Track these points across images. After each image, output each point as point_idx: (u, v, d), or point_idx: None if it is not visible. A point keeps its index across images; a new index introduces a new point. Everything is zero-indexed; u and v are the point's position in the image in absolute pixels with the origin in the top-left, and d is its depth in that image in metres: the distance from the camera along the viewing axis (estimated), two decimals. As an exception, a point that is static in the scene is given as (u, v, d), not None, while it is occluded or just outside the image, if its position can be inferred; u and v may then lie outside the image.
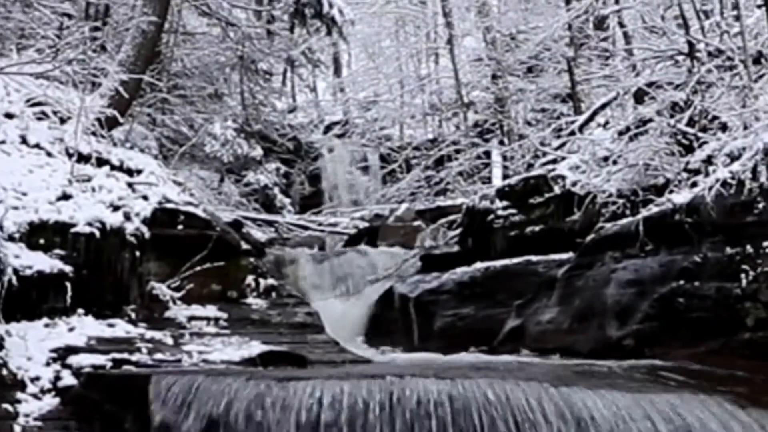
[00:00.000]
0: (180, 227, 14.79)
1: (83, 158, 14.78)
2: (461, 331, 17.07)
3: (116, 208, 13.84)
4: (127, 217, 13.85)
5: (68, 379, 11.03)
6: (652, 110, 17.31)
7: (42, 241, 12.76)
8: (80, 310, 12.71)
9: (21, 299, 11.77)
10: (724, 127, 15.73)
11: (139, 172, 15.40)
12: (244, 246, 16.18)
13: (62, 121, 15.63)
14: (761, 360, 12.44)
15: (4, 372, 10.90)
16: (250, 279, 15.35)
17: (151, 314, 13.74)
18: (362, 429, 9.39)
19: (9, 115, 15.00)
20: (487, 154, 32.43)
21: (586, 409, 9.68)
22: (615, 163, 17.09)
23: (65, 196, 13.56)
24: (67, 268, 12.70)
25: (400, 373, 10.16)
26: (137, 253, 13.90)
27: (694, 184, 14.45)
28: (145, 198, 14.52)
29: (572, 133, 21.61)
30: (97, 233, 13.25)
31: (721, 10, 19.10)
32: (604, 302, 14.69)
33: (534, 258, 17.38)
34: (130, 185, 14.68)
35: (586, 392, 9.98)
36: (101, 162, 14.97)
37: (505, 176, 26.70)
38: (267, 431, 9.50)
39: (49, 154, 14.71)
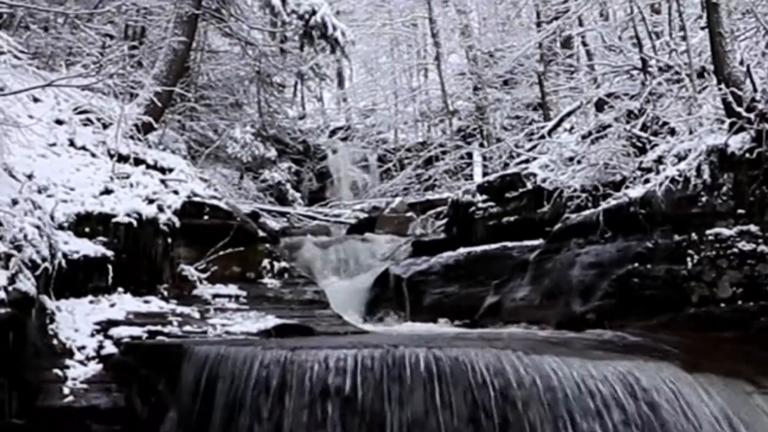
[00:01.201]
0: (206, 218, 14.77)
1: (123, 158, 14.77)
2: (447, 306, 17.06)
3: (151, 201, 13.83)
4: (161, 209, 13.85)
5: (110, 348, 11.04)
6: (611, 117, 17.33)
7: (87, 230, 12.75)
8: (120, 289, 12.71)
9: (69, 279, 11.78)
10: (672, 132, 15.75)
11: (170, 170, 15.39)
12: (261, 234, 16.16)
13: (104, 126, 15.61)
14: (704, 331, 12.50)
15: (55, 342, 10.92)
16: (265, 262, 15.33)
17: (181, 292, 13.73)
18: (363, 390, 9.44)
19: (59, 122, 14.99)
20: (469, 155, 32.38)
21: (554, 373, 9.70)
22: (579, 162, 17.09)
23: (107, 191, 13.55)
24: (109, 253, 12.69)
25: (394, 343, 10.18)
26: (169, 240, 13.89)
27: (647, 181, 14.47)
28: (175, 192, 14.51)
29: (542, 136, 21.61)
30: (135, 223, 13.24)
31: (669, 31, 19.15)
32: (570, 282, 14.71)
33: (509, 244, 17.35)
34: (162, 182, 14.67)
35: (554, 359, 10.00)
36: (138, 162, 14.95)
37: (485, 174, 26.65)
38: (281, 393, 9.56)
39: (93, 155, 14.70)
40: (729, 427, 9.73)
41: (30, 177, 12.50)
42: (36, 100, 14.96)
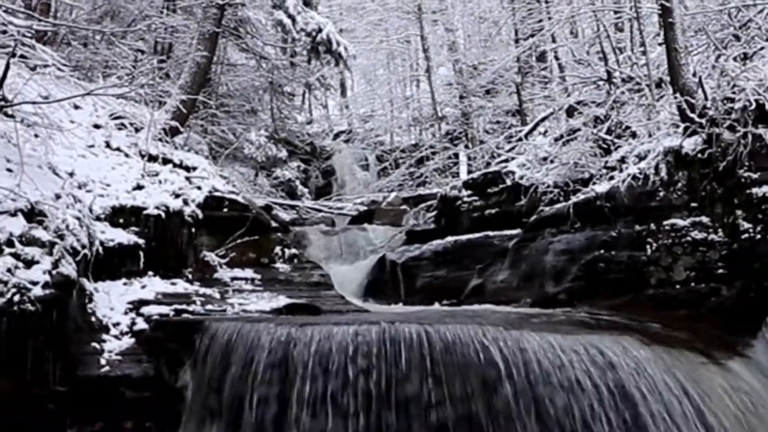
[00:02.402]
0: (225, 210, 14.79)
1: (152, 158, 14.79)
2: (436, 288, 17.00)
3: (177, 196, 13.87)
4: (186, 202, 13.88)
5: (141, 325, 11.10)
6: (580, 122, 17.32)
7: (121, 221, 12.80)
8: (150, 273, 12.75)
9: (105, 264, 11.83)
10: (634, 135, 15.76)
11: (194, 168, 15.39)
12: (273, 224, 16.18)
13: (136, 130, 15.62)
14: (661, 310, 12.52)
15: (93, 319, 10.97)
16: (277, 249, 15.35)
17: (204, 276, 13.75)
18: (363, 359, 9.47)
19: (97, 126, 15.00)
20: (456, 155, 32.29)
21: (530, 345, 9.72)
22: (552, 162, 17.07)
23: (139, 187, 13.59)
24: (140, 241, 12.74)
25: (391, 320, 10.21)
26: (193, 230, 13.93)
27: (612, 178, 14.48)
28: (199, 188, 14.53)
29: (520, 139, 21.58)
30: (163, 215, 13.30)
31: (631, 47, 19.19)
32: (544, 266, 14.71)
33: (491, 233, 17.29)
34: (187, 179, 14.68)
35: (530, 333, 10.02)
36: (166, 161, 14.96)
37: (470, 172, 26.49)
38: (291, 362, 9.58)
39: (126, 155, 14.71)
40: (683, 392, 9.77)
41: (71, 174, 12.53)
42: (76, 107, 14.99)
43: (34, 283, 9.50)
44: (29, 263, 9.68)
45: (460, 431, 9.26)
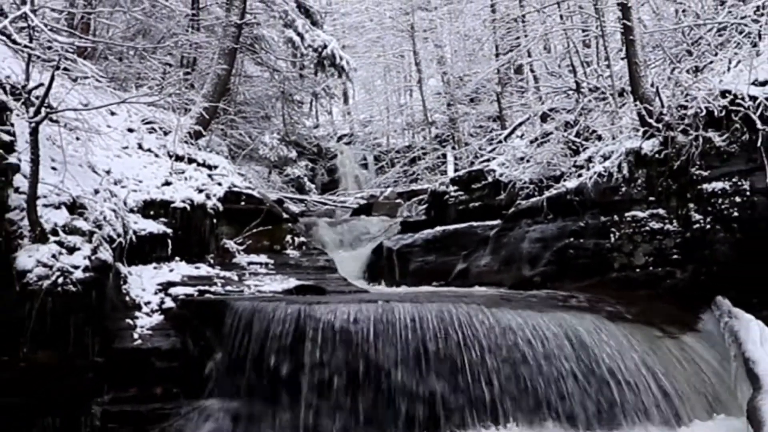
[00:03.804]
0: (242, 203, 14.78)
1: (179, 158, 14.77)
2: (427, 271, 17.00)
3: (201, 191, 13.86)
4: (208, 196, 13.87)
5: (169, 303, 11.09)
6: (552, 126, 17.35)
7: (152, 213, 12.80)
8: (177, 258, 12.73)
9: (138, 251, 11.81)
10: (599, 138, 15.79)
11: (215, 167, 15.37)
12: (285, 216, 16.14)
13: (165, 133, 15.58)
14: (624, 291, 12.58)
15: (127, 299, 10.97)
16: (288, 237, 15.34)
17: (224, 261, 13.75)
18: (363, 333, 9.54)
19: (130, 130, 14.97)
20: (444, 155, 32.28)
21: (509, 322, 9.77)
22: (528, 161, 17.08)
23: (167, 183, 13.58)
24: (168, 230, 12.73)
25: (387, 299, 10.29)
26: (214, 221, 13.93)
27: (580, 175, 14.49)
28: (219, 184, 14.53)
29: (500, 141, 21.62)
30: (188, 207, 13.29)
31: (597, 60, 19.19)
32: (521, 253, 14.72)
33: (475, 223, 17.29)
34: (209, 176, 14.67)
35: (509, 311, 10.09)
36: (191, 161, 14.96)
37: (456, 170, 26.47)
38: (300, 336, 9.64)
39: (156, 156, 14.69)
40: (642, 362, 9.84)
41: (108, 172, 12.54)
42: (112, 113, 14.97)
43: (76, 267, 9.53)
44: (71, 250, 9.69)
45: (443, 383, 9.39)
